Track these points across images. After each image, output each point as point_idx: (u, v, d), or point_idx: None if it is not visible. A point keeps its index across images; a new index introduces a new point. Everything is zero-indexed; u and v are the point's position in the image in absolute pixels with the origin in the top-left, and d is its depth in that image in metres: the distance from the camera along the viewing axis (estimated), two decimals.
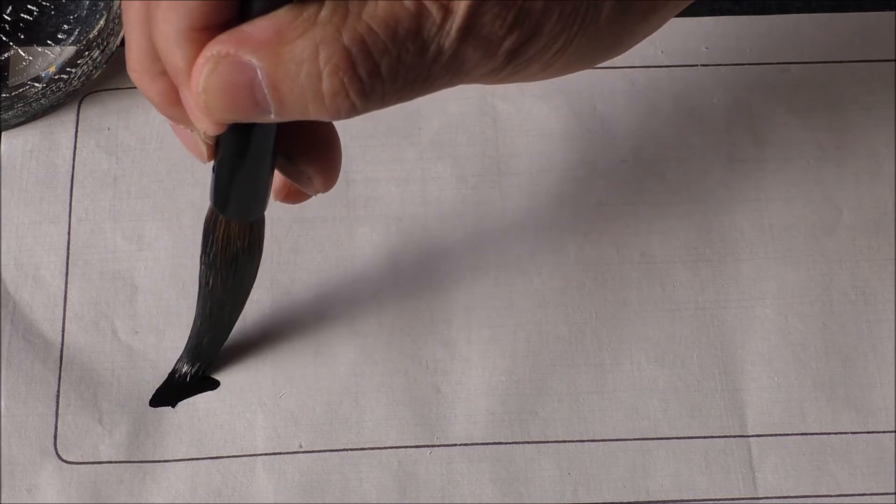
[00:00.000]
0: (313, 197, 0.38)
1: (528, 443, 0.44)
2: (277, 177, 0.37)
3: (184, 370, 0.45)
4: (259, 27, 0.29)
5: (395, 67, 0.29)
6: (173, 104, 0.32)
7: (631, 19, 0.32)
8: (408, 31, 0.29)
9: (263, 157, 0.34)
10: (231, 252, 0.38)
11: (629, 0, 0.31)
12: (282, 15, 0.29)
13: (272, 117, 0.30)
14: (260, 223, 0.38)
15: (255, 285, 0.46)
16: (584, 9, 0.31)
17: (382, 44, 0.29)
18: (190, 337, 0.44)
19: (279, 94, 0.29)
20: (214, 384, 0.45)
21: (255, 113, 0.30)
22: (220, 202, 0.36)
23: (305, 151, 0.36)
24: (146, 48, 0.31)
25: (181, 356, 0.45)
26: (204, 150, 0.34)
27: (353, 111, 0.30)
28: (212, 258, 0.38)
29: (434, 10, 0.29)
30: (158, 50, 0.30)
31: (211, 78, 0.29)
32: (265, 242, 0.39)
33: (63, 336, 0.46)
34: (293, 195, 0.38)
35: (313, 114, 0.30)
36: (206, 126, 0.31)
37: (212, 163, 0.35)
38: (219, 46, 0.29)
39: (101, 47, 0.49)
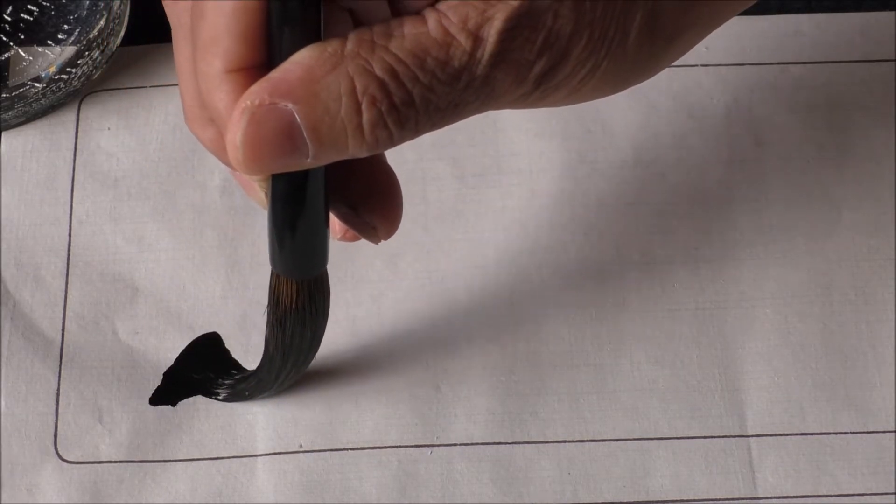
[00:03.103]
0: None
1: (528, 443, 0.44)
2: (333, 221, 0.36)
3: (221, 394, 0.44)
4: (288, 70, 0.29)
5: (427, 96, 0.29)
6: (225, 150, 0.32)
7: (657, 45, 0.32)
8: (436, 61, 0.29)
9: (308, 210, 0.33)
10: (280, 310, 0.37)
11: (656, 25, 0.32)
12: (307, 54, 0.29)
13: (308, 161, 0.30)
14: (316, 284, 0.37)
15: (254, 285, 0.46)
16: (612, 33, 0.31)
17: (413, 73, 0.29)
18: (258, 368, 0.43)
19: (318, 134, 0.29)
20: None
21: (293, 159, 0.30)
22: (270, 254, 0.36)
23: (368, 201, 0.35)
24: (196, 94, 0.32)
25: (240, 377, 0.44)
26: (263, 196, 0.34)
27: (389, 142, 0.30)
28: (266, 311, 0.38)
29: (462, 39, 0.29)
30: (202, 95, 0.31)
31: (248, 129, 0.29)
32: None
33: (63, 335, 0.46)
34: (350, 236, 0.38)
35: (352, 149, 0.30)
36: (247, 173, 0.31)
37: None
38: (252, 96, 0.29)
39: (102, 47, 0.49)
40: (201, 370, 0.45)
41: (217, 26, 0.29)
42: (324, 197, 0.33)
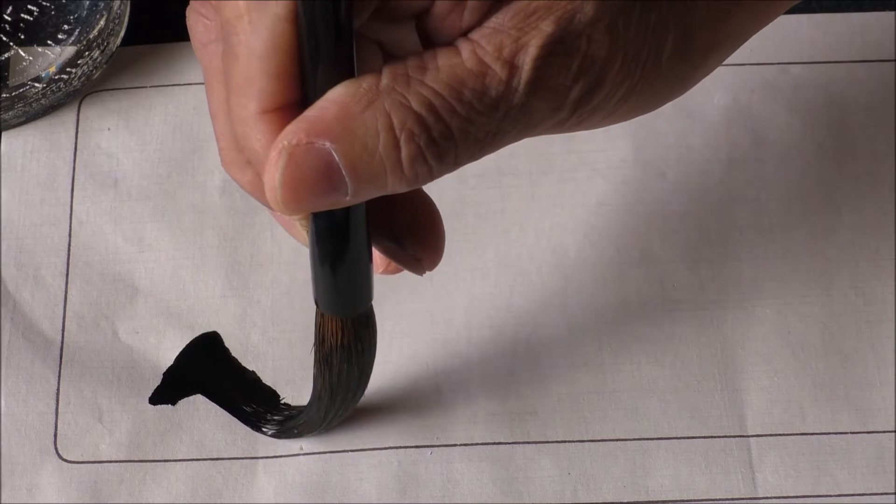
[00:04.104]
0: None
1: (528, 443, 0.44)
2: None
3: (269, 431, 0.44)
4: (324, 108, 0.29)
5: (465, 128, 0.29)
6: (264, 191, 0.31)
7: (690, 63, 0.32)
8: (473, 91, 0.29)
9: (350, 246, 0.33)
10: (327, 349, 0.37)
11: (688, 44, 0.31)
12: (342, 91, 0.29)
13: (348, 199, 0.29)
14: (362, 321, 0.37)
15: (254, 284, 0.46)
16: (646, 54, 0.30)
17: (450, 105, 0.29)
18: (307, 405, 0.42)
19: (357, 172, 0.29)
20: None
21: (332, 197, 0.29)
22: (314, 292, 0.35)
23: (412, 233, 0.35)
24: (231, 137, 0.31)
25: (289, 414, 0.44)
26: (305, 235, 0.34)
27: (429, 176, 0.30)
28: (312, 349, 0.38)
29: (498, 68, 0.29)
30: (237, 137, 0.30)
31: (287, 170, 0.29)
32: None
33: (63, 335, 0.46)
34: (392, 269, 0.38)
35: (391, 185, 0.29)
36: (286, 213, 0.31)
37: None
38: (289, 136, 0.28)
39: (102, 47, 0.49)
40: (251, 403, 0.44)
41: (250, 67, 0.29)
42: (366, 232, 0.33)
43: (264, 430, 0.44)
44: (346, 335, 0.37)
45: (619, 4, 0.30)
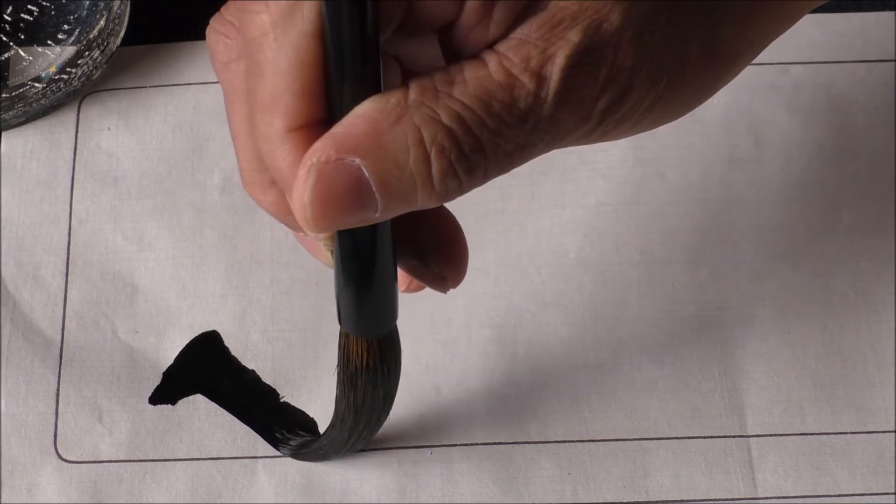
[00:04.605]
0: None
1: (528, 443, 0.44)
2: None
3: (289, 452, 0.44)
4: (352, 125, 0.28)
5: (495, 141, 0.29)
6: (288, 213, 0.31)
7: (714, 71, 0.32)
8: (502, 104, 0.28)
9: (377, 265, 0.33)
10: (351, 370, 0.37)
11: (713, 52, 0.31)
12: (370, 107, 0.28)
13: (377, 215, 0.29)
14: (387, 341, 0.36)
15: (254, 283, 0.46)
16: (672, 63, 0.30)
17: (480, 118, 0.28)
18: (330, 427, 0.42)
19: (387, 188, 0.28)
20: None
21: (362, 214, 0.29)
22: (338, 312, 0.35)
23: (436, 250, 0.35)
24: (254, 157, 0.31)
25: (311, 438, 0.44)
26: (329, 256, 0.33)
27: (458, 191, 0.29)
28: (336, 370, 0.37)
29: (526, 79, 0.28)
30: (263, 157, 0.30)
31: (316, 187, 0.28)
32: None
33: (63, 334, 0.46)
34: (414, 287, 0.38)
35: (421, 201, 0.29)
36: (313, 232, 0.30)
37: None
38: (318, 153, 0.28)
39: (102, 47, 0.49)
40: (281, 430, 0.44)
41: (276, 85, 0.29)
42: (391, 250, 0.33)
43: (284, 449, 0.44)
44: (372, 356, 0.36)
45: (645, 13, 0.29)
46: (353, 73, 0.28)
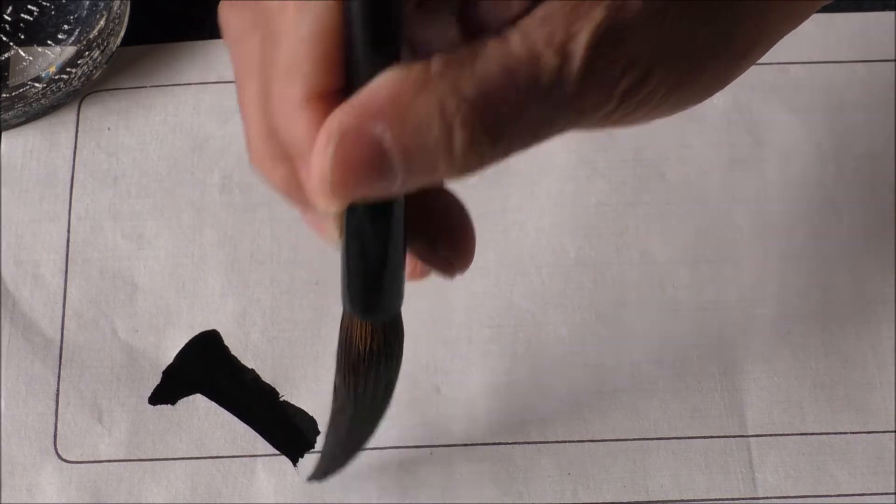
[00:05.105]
0: None
1: (528, 443, 0.44)
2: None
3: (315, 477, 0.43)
4: (374, 92, 0.28)
5: (518, 115, 0.28)
6: (297, 188, 0.31)
7: (733, 60, 0.32)
8: (526, 78, 0.28)
9: (390, 244, 0.32)
10: (353, 355, 0.36)
11: (731, 41, 0.31)
12: (392, 76, 0.28)
13: (396, 186, 0.29)
14: (391, 326, 0.36)
15: (253, 283, 0.46)
16: (692, 48, 0.30)
17: (503, 92, 0.28)
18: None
19: (409, 157, 0.28)
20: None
21: (382, 184, 0.28)
22: (342, 294, 0.34)
23: (445, 234, 0.35)
24: (265, 131, 0.31)
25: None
26: (337, 234, 0.33)
27: (479, 164, 0.29)
28: (336, 357, 0.37)
29: (549, 55, 0.28)
30: (277, 128, 0.30)
31: (337, 153, 0.28)
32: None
33: (62, 334, 0.46)
34: (419, 273, 0.37)
35: (442, 172, 0.29)
36: (328, 205, 0.30)
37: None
38: (339, 119, 0.28)
39: (102, 47, 0.49)
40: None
41: (295, 53, 0.28)
42: (403, 230, 0.32)
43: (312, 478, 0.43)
44: (376, 340, 0.36)
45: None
46: (375, 43, 0.28)
